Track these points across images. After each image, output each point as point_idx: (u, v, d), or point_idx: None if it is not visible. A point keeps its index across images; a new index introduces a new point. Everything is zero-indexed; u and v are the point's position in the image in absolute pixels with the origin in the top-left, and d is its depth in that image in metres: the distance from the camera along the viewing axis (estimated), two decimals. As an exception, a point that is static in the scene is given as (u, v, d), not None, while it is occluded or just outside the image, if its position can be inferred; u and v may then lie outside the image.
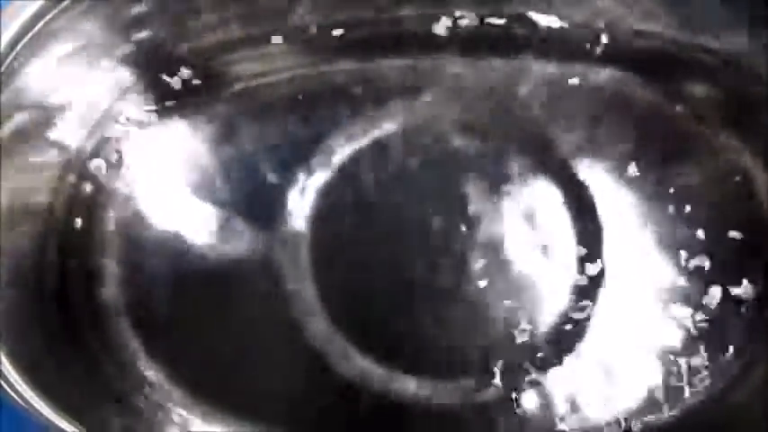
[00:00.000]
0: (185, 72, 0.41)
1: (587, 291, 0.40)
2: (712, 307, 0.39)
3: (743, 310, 0.39)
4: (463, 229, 0.40)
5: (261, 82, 0.42)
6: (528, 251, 0.40)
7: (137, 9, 0.38)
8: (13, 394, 0.32)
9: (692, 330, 0.39)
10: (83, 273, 0.39)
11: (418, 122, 0.41)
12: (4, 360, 0.33)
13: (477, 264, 0.40)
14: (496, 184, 0.41)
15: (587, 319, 0.39)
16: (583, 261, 0.40)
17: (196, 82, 0.41)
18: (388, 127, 0.41)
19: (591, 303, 0.39)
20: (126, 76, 0.40)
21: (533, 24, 0.41)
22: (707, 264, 0.39)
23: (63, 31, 0.36)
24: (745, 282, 0.39)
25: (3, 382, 0.32)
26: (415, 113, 0.41)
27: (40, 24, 0.35)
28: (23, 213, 0.37)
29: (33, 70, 0.36)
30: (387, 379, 0.39)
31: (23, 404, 0.32)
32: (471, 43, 0.42)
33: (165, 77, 0.41)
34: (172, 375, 0.39)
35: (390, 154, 0.41)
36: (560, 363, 0.39)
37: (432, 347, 0.39)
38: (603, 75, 0.41)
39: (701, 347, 0.39)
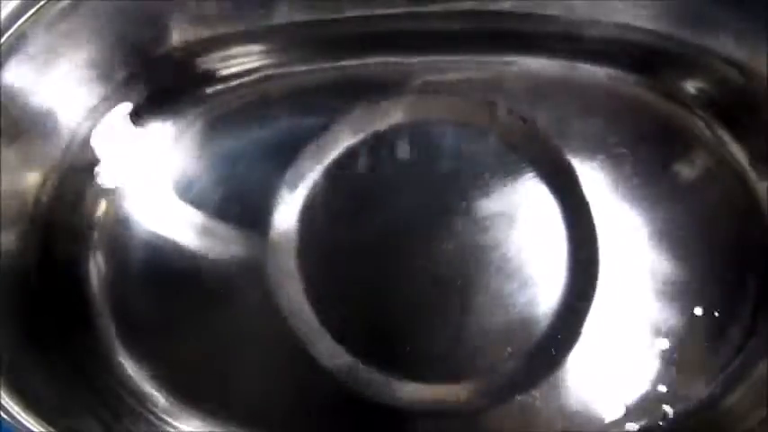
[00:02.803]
0: (173, 71, 0.40)
1: (582, 291, 0.39)
2: (711, 306, 0.38)
3: (741, 308, 0.38)
4: (457, 229, 0.40)
5: (248, 81, 0.41)
6: (521, 251, 0.39)
7: (120, 8, 0.37)
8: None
9: (690, 330, 0.38)
10: (68, 274, 0.39)
11: (411, 121, 0.41)
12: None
13: (471, 266, 0.39)
14: (492, 183, 0.40)
15: (583, 318, 0.39)
16: (577, 261, 0.39)
17: (183, 81, 0.41)
18: (379, 126, 0.41)
19: (586, 303, 0.39)
20: (112, 75, 0.39)
21: (530, 22, 0.40)
22: (705, 262, 0.39)
23: (45, 30, 0.35)
24: (743, 280, 0.38)
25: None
26: (409, 112, 0.41)
27: (22, 22, 0.34)
28: (8, 214, 0.37)
29: (17, 71, 0.35)
30: (377, 382, 0.38)
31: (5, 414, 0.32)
32: (467, 40, 0.41)
33: (151, 77, 0.40)
34: (157, 378, 0.38)
35: (382, 153, 0.41)
36: (557, 364, 0.38)
37: (424, 351, 0.39)
38: (601, 73, 0.41)
39: (700, 347, 0.38)
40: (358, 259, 0.40)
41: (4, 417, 0.31)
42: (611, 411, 0.38)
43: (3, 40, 0.34)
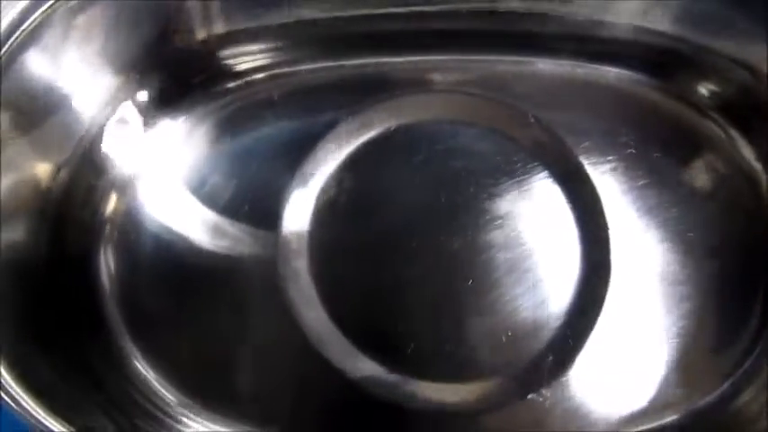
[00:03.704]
0: (185, 67, 0.40)
1: (593, 292, 0.39)
2: (720, 308, 0.39)
3: (751, 311, 0.38)
4: (467, 229, 0.39)
5: (258, 78, 0.41)
6: (532, 251, 0.39)
7: (135, 4, 0.37)
8: (4, 396, 0.31)
9: (701, 332, 0.38)
10: (78, 269, 0.39)
11: (422, 120, 0.41)
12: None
13: (482, 266, 0.39)
14: (500, 182, 0.40)
15: (594, 319, 0.39)
16: (589, 262, 0.39)
17: (196, 77, 0.41)
18: (389, 124, 0.41)
19: (598, 304, 0.39)
20: (125, 70, 0.39)
21: (539, 22, 0.40)
22: (715, 264, 0.39)
23: (60, 23, 0.35)
24: (753, 282, 0.39)
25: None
26: (419, 111, 0.41)
27: (37, 15, 0.34)
28: (18, 208, 0.37)
29: (31, 63, 0.35)
30: (387, 381, 0.38)
31: (15, 406, 0.31)
32: (475, 40, 0.41)
33: (164, 72, 0.40)
34: (167, 375, 0.38)
35: (392, 152, 0.40)
36: (565, 364, 0.38)
37: (435, 350, 0.39)
38: (612, 74, 0.41)
39: (710, 350, 0.38)
40: (368, 258, 0.39)
41: (21, 413, 0.31)
42: (621, 412, 0.38)
43: (17, 33, 0.34)
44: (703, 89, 0.41)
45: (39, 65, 0.35)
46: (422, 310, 0.39)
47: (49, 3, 0.34)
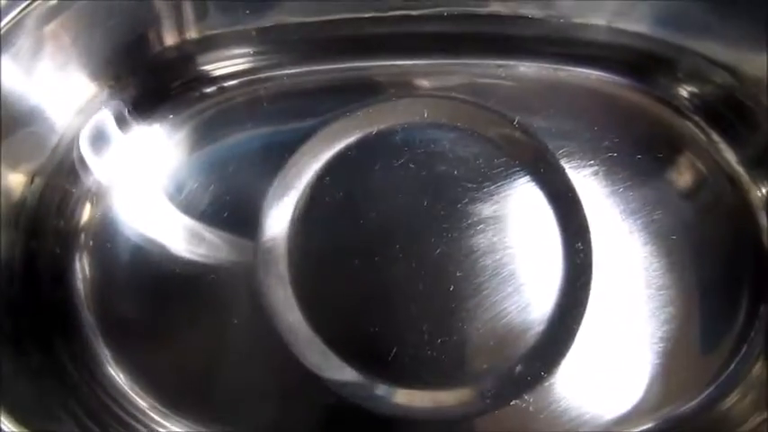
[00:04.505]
0: (163, 72, 0.40)
1: (576, 296, 0.39)
2: (704, 310, 0.38)
3: (735, 311, 0.38)
4: (449, 233, 0.39)
5: (239, 83, 0.41)
6: (514, 256, 0.39)
7: (109, 8, 0.37)
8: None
9: (684, 335, 0.38)
10: (52, 277, 0.38)
11: (403, 124, 0.41)
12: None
13: (464, 271, 0.39)
14: (482, 186, 0.40)
15: (577, 323, 0.38)
16: (571, 266, 0.39)
17: (174, 83, 0.40)
18: (371, 129, 0.41)
19: (580, 308, 0.38)
20: (101, 76, 0.39)
21: (520, 25, 0.40)
22: (698, 266, 0.39)
23: (32, 30, 0.35)
24: (736, 283, 0.38)
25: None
26: (400, 115, 0.41)
27: (8, 22, 0.34)
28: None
29: (4, 69, 0.35)
30: (368, 388, 0.38)
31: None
32: (457, 44, 0.41)
33: (141, 78, 0.40)
34: (143, 384, 0.38)
35: (373, 157, 0.40)
36: (549, 369, 0.38)
37: (416, 356, 0.38)
38: (593, 76, 0.41)
39: (694, 352, 0.38)
40: (349, 264, 0.39)
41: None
42: (606, 416, 0.38)
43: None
44: (684, 91, 0.41)
45: (12, 72, 0.35)
46: (403, 316, 0.38)
47: (19, 9, 0.34)
